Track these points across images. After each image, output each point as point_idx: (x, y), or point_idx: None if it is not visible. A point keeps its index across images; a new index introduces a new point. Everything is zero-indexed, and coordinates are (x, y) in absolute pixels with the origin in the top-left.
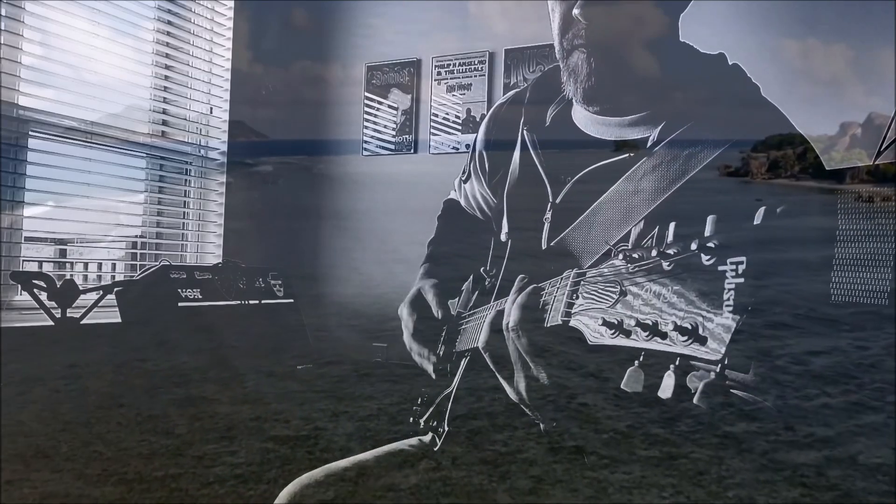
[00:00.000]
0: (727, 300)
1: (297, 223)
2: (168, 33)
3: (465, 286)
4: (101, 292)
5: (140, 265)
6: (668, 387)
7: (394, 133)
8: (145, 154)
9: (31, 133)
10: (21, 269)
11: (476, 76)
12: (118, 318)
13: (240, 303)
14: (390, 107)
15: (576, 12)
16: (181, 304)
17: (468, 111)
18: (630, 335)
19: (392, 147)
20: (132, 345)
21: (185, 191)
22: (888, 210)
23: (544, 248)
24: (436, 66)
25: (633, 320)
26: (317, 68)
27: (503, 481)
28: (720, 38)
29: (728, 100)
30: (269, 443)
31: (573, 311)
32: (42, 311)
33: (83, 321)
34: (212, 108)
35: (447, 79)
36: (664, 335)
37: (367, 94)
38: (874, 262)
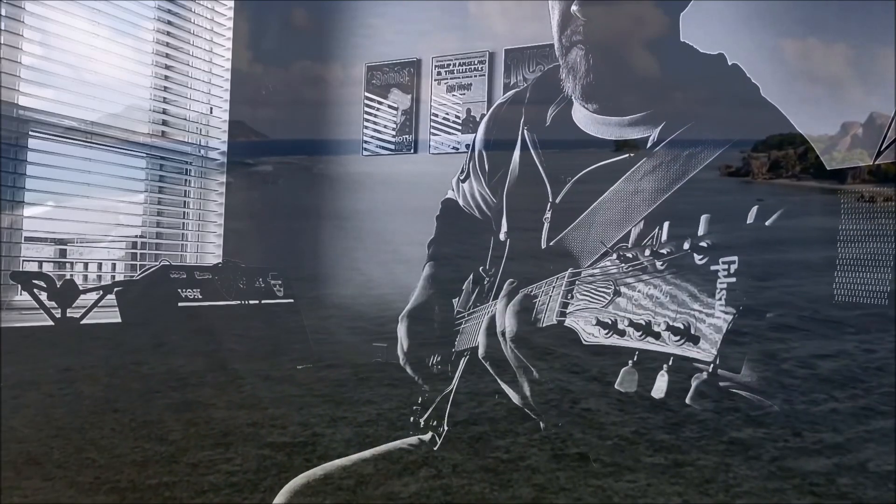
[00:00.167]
0: (719, 300)
1: (296, 223)
2: (168, 33)
3: (465, 285)
4: (101, 292)
5: (140, 265)
6: (660, 387)
7: (394, 133)
8: (145, 154)
9: (31, 133)
10: (21, 269)
11: (476, 76)
12: (118, 318)
13: (240, 303)
14: (390, 107)
15: (574, 9)
16: (181, 304)
17: (468, 111)
18: (624, 335)
19: (392, 147)
20: (128, 347)
21: (185, 191)
22: (889, 210)
23: (544, 247)
24: (436, 66)
25: (626, 320)
26: (317, 68)
27: (505, 489)
28: (720, 38)
29: (728, 100)
30: (266, 449)
31: (568, 310)
32: (42, 311)
33: (82, 321)
34: (212, 108)
35: (447, 79)
36: (657, 335)
37: (367, 94)
38: (876, 262)
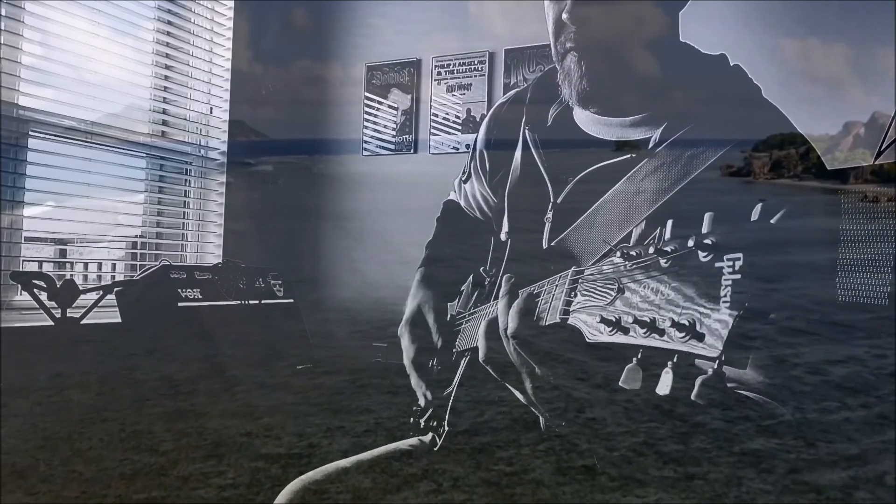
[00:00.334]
0: (724, 296)
1: (296, 223)
2: (168, 33)
3: (465, 286)
4: (101, 292)
5: (140, 265)
6: (665, 383)
7: (394, 133)
8: (145, 154)
9: (31, 133)
10: (21, 269)
11: (476, 76)
12: (118, 319)
13: (240, 303)
14: (390, 107)
15: (564, 16)
16: (181, 304)
17: (468, 111)
18: (628, 332)
19: (392, 147)
20: (121, 352)
21: (185, 191)
22: (891, 210)
23: (545, 247)
24: (436, 66)
25: (630, 317)
26: (317, 68)
27: None
28: (720, 38)
29: (730, 100)
30: (260, 461)
31: (571, 308)
32: (42, 311)
33: (82, 321)
34: (212, 107)
35: (447, 79)
36: (662, 332)
37: (367, 94)
38: (880, 263)
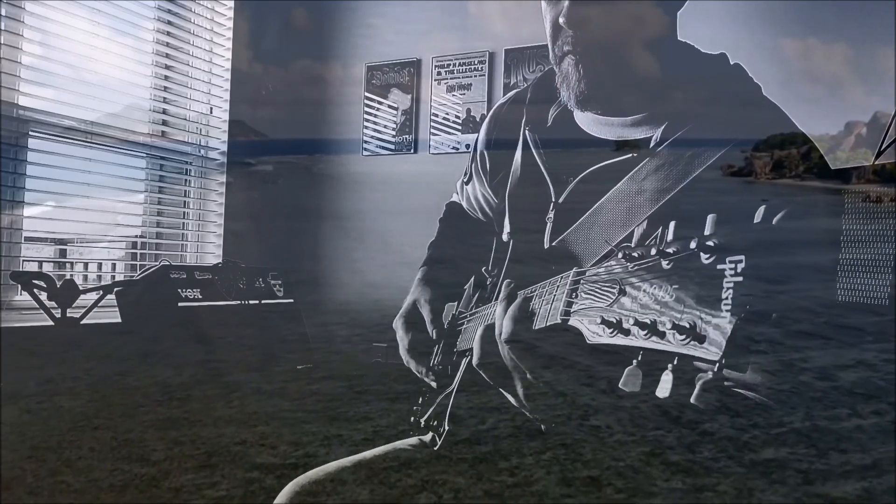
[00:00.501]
0: (726, 299)
1: (296, 223)
2: (168, 33)
3: (467, 287)
4: (101, 292)
5: (140, 265)
6: (665, 386)
7: (394, 133)
8: (145, 154)
9: (31, 133)
10: (21, 269)
11: (476, 76)
12: (118, 319)
13: (240, 303)
14: (390, 107)
15: (561, 20)
16: (181, 304)
17: (468, 111)
18: (629, 334)
19: (392, 147)
20: (114, 357)
21: (185, 191)
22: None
23: (547, 247)
24: (436, 66)
25: (631, 319)
26: (317, 68)
27: None
28: (720, 37)
29: (731, 100)
30: (254, 472)
31: (572, 310)
32: (42, 311)
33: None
34: (212, 107)
35: (447, 79)
36: (662, 334)
37: (367, 94)
38: (882, 264)
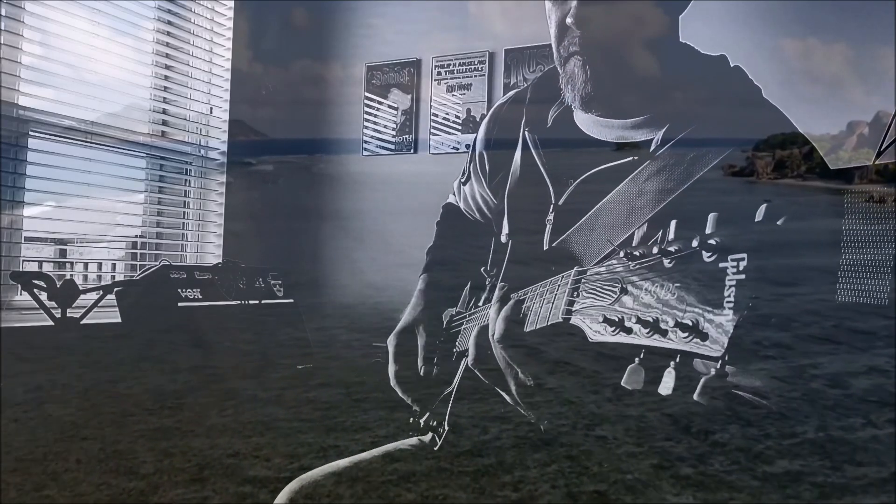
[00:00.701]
0: (728, 297)
1: (296, 223)
2: (168, 33)
3: (466, 290)
4: (101, 292)
5: (140, 265)
6: (668, 384)
7: (394, 133)
8: (145, 154)
9: (31, 133)
10: (21, 269)
11: (476, 76)
12: (118, 319)
13: (240, 303)
14: (390, 107)
15: (569, 21)
16: (181, 304)
17: (468, 111)
18: (630, 332)
19: (392, 147)
20: (105, 363)
21: (185, 191)
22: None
23: (546, 249)
24: (436, 66)
25: (633, 317)
26: (317, 68)
27: None
28: (720, 38)
29: (731, 101)
30: (247, 486)
31: (574, 309)
32: (42, 311)
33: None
34: (212, 107)
35: (447, 79)
36: (665, 332)
37: (367, 94)
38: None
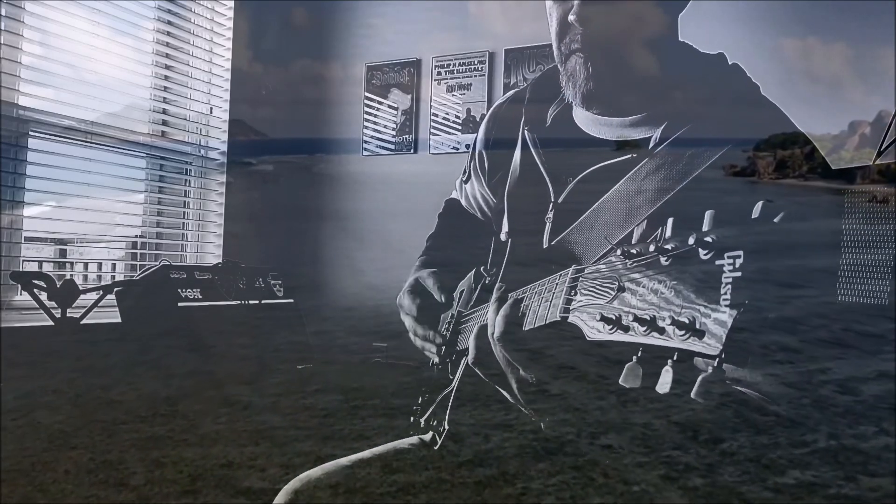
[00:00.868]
0: (724, 294)
1: (296, 223)
2: (168, 33)
3: (466, 285)
4: (101, 292)
5: (140, 265)
6: (665, 382)
7: (394, 133)
8: (145, 154)
9: (31, 133)
10: (21, 269)
11: (476, 76)
12: (118, 319)
13: (240, 303)
14: (390, 107)
15: (571, 18)
16: (181, 304)
17: (468, 111)
18: (628, 330)
19: (392, 147)
20: (97, 369)
21: (185, 191)
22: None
23: (545, 247)
24: (436, 66)
25: (630, 315)
26: (317, 68)
27: None
28: (720, 38)
29: (729, 100)
30: (240, 498)
31: (571, 307)
32: (42, 311)
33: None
34: (212, 107)
35: (447, 79)
36: (662, 330)
37: (367, 94)
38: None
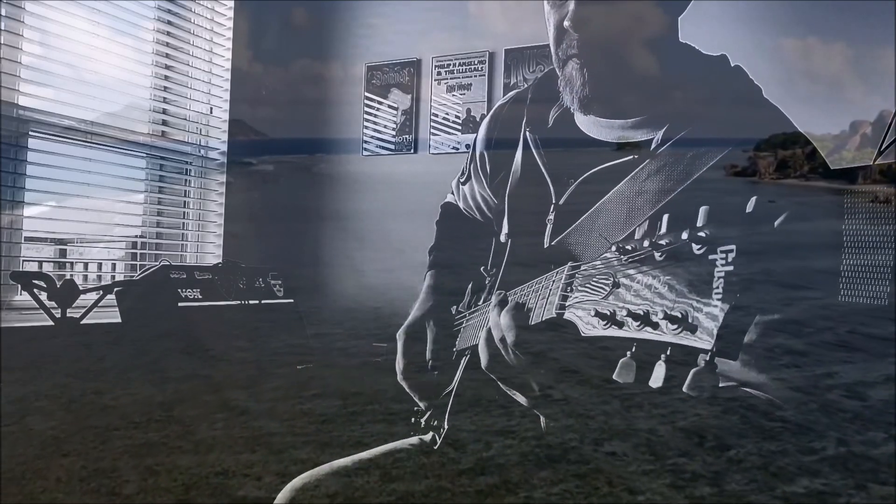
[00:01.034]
0: (717, 289)
1: (296, 224)
2: (168, 33)
3: (468, 290)
4: (101, 292)
5: (140, 265)
6: (658, 376)
7: (394, 133)
8: (145, 154)
9: (31, 133)
10: (21, 269)
11: (476, 76)
12: (118, 319)
13: (239, 303)
14: (390, 107)
15: (566, 24)
16: (181, 304)
17: (468, 111)
18: (622, 326)
19: (392, 147)
20: (91, 373)
21: (185, 191)
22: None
23: (546, 247)
24: (436, 66)
25: (624, 310)
26: (317, 68)
27: None
28: (720, 38)
29: (731, 101)
30: None
31: (567, 303)
32: (42, 311)
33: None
34: (212, 107)
35: (447, 79)
36: (655, 325)
37: (367, 94)
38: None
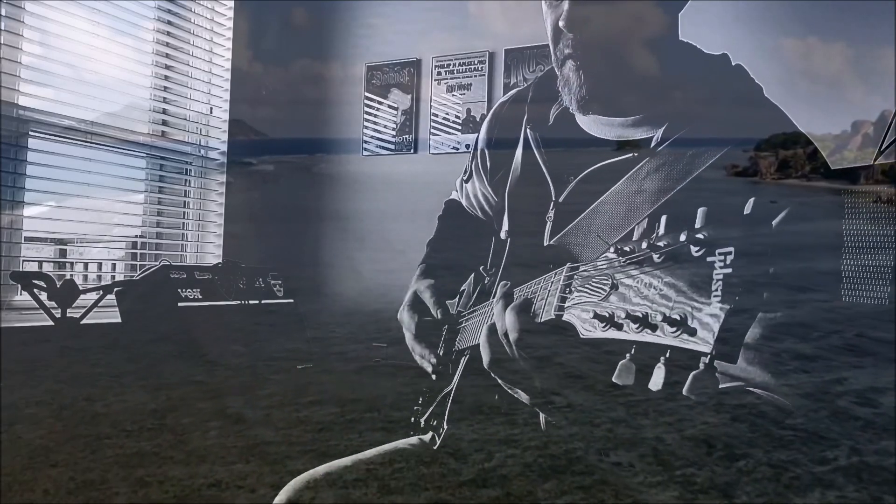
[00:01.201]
0: (715, 291)
1: (295, 224)
2: (168, 33)
3: (465, 286)
4: (101, 292)
5: (140, 265)
6: (657, 380)
7: (394, 133)
8: (145, 154)
9: (31, 133)
10: (21, 269)
11: (476, 76)
12: (118, 319)
13: (239, 303)
14: (390, 107)
15: (561, 24)
16: (181, 304)
17: (468, 111)
18: (621, 328)
19: (392, 147)
20: (83, 379)
21: (185, 191)
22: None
23: (545, 245)
24: (436, 66)
25: (623, 313)
26: (317, 68)
27: None
28: (720, 38)
29: (732, 100)
30: None
31: (566, 305)
32: (42, 311)
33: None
34: (212, 107)
35: (447, 79)
36: (654, 327)
37: (367, 94)
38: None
